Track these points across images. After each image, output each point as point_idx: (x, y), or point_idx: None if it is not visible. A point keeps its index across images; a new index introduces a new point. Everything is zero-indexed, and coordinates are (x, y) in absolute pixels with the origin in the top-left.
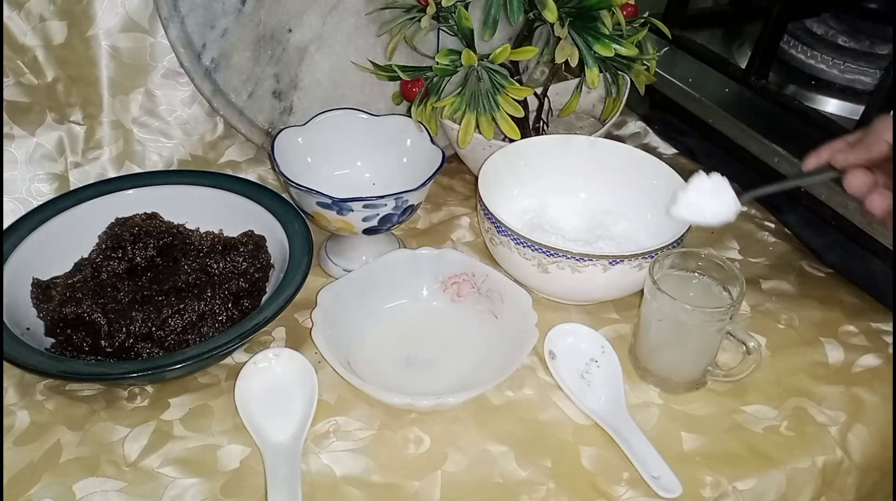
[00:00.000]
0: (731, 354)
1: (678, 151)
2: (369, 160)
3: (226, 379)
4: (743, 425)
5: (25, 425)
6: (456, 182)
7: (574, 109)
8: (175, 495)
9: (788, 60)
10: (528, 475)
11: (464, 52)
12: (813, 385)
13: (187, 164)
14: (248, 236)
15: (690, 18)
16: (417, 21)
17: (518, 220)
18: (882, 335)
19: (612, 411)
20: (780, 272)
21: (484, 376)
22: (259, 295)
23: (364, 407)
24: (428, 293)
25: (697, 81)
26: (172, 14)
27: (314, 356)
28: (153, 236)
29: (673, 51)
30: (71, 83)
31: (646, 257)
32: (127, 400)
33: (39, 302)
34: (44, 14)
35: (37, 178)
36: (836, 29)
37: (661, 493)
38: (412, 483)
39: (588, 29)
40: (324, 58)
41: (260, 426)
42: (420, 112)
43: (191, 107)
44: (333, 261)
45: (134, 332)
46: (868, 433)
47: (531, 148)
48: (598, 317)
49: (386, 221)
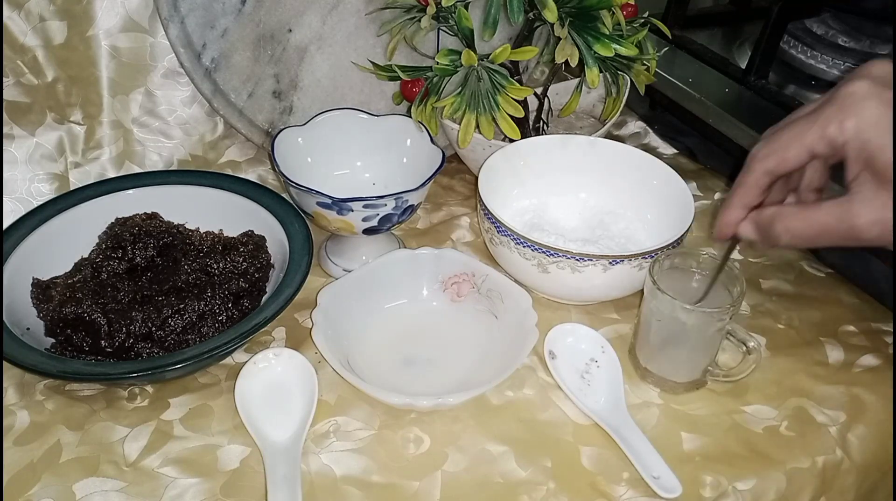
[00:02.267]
0: (731, 354)
1: (678, 151)
2: (369, 160)
3: (226, 379)
4: (743, 425)
5: (25, 425)
6: (456, 182)
7: (574, 109)
8: (175, 495)
9: (788, 60)
10: (528, 475)
11: (464, 52)
12: (813, 385)
13: (187, 164)
14: (248, 236)
15: (690, 18)
16: (417, 21)
17: (518, 220)
18: (882, 335)
19: (612, 411)
20: (780, 272)
21: (484, 376)
22: (259, 295)
23: (364, 407)
24: (428, 293)
25: (697, 81)
26: (172, 14)
27: (314, 356)
28: (153, 236)
29: (673, 51)
30: (71, 83)
31: (646, 257)
32: (127, 400)
33: (39, 302)
34: (44, 14)
35: (37, 178)
36: (836, 29)
37: (661, 493)
38: (412, 483)
39: (588, 29)
40: (324, 58)
41: (260, 426)
42: (420, 112)
43: (191, 107)
44: (333, 261)
45: (134, 332)
46: (868, 433)
47: (531, 148)
48: (598, 317)
49: (386, 221)
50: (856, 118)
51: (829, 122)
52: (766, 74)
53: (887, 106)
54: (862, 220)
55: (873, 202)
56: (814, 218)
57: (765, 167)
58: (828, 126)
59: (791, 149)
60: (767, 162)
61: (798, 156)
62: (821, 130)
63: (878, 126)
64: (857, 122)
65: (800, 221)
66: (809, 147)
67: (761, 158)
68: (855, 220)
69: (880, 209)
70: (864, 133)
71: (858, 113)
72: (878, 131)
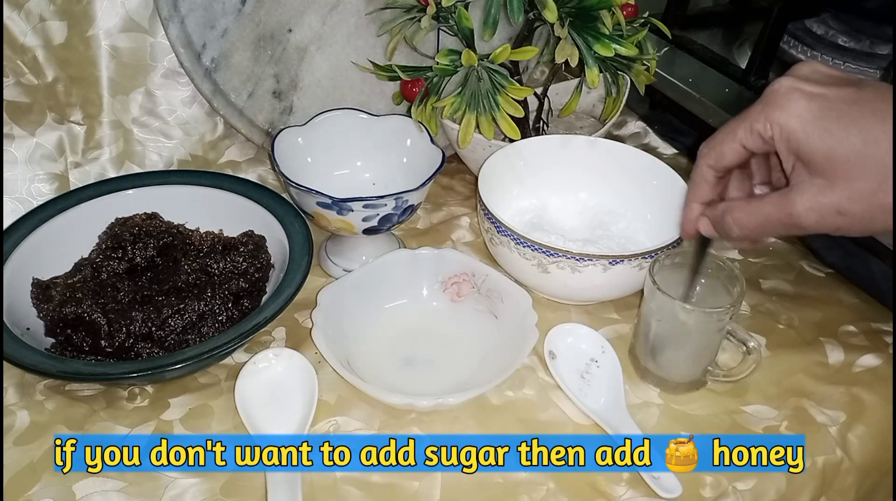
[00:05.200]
0: (731, 354)
1: (678, 151)
2: (369, 160)
3: (226, 379)
4: (743, 425)
5: (25, 425)
6: (456, 182)
7: (574, 109)
8: (175, 495)
9: (788, 60)
10: (528, 475)
11: (464, 52)
12: (813, 385)
13: (187, 164)
14: (248, 236)
15: (690, 18)
16: (417, 21)
17: (518, 220)
18: (882, 335)
19: (612, 411)
20: (780, 272)
21: (484, 376)
22: (259, 295)
23: (364, 407)
24: (428, 293)
25: (697, 81)
26: (172, 14)
27: (314, 356)
28: (153, 236)
29: (673, 51)
30: (71, 83)
31: (646, 257)
32: (127, 400)
33: (39, 302)
34: (44, 14)
35: (37, 178)
36: (836, 29)
37: (661, 493)
38: (412, 483)
39: (588, 29)
40: (324, 58)
41: (260, 426)
42: (420, 112)
43: (191, 107)
44: (333, 261)
45: (134, 332)
46: (868, 433)
47: (531, 148)
48: (598, 317)
49: (386, 221)
50: (779, 111)
51: (757, 118)
52: (766, 74)
53: (810, 98)
54: (798, 208)
55: (808, 191)
56: (758, 210)
57: (706, 163)
58: (756, 122)
59: (725, 144)
60: (708, 158)
61: (733, 151)
62: (749, 126)
63: (801, 117)
64: (780, 115)
65: (746, 213)
66: (740, 141)
67: (703, 155)
68: (792, 208)
69: (814, 196)
70: (788, 125)
71: (782, 106)
72: (801, 122)
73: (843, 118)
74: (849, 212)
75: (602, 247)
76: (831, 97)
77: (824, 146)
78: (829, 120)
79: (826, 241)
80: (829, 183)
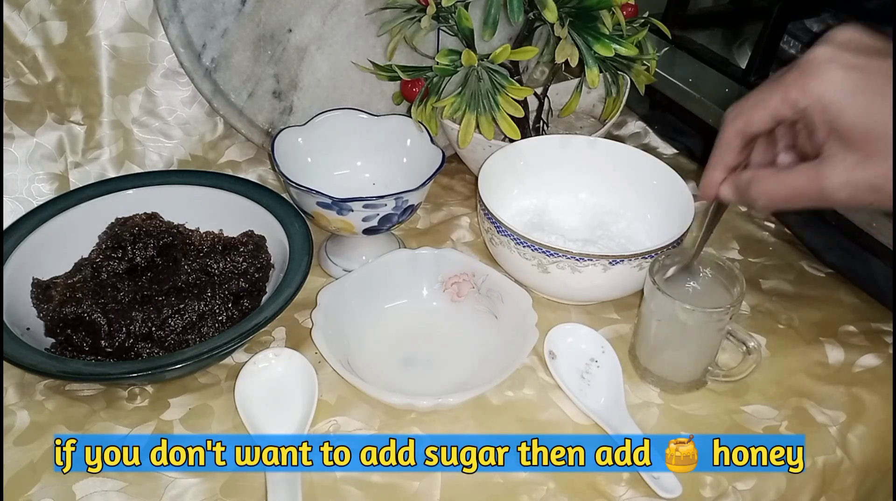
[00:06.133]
0: (731, 354)
1: (678, 151)
2: (369, 160)
3: (226, 379)
4: (743, 425)
5: (25, 425)
6: (456, 182)
7: (574, 109)
8: (175, 495)
9: (788, 60)
10: (528, 475)
11: (464, 52)
12: (813, 385)
13: (187, 164)
14: (248, 236)
15: (690, 18)
16: (417, 21)
17: (518, 220)
18: (882, 335)
19: (612, 411)
20: (780, 272)
21: (484, 376)
22: (259, 295)
23: (364, 407)
24: (428, 293)
25: (697, 81)
26: (172, 14)
27: (314, 356)
28: (153, 236)
29: (673, 51)
30: (71, 83)
31: (646, 257)
32: (127, 400)
33: (39, 302)
34: (44, 14)
35: (37, 178)
36: None
37: (661, 493)
38: (412, 483)
39: (588, 29)
40: (324, 58)
41: (260, 426)
42: (420, 112)
43: (191, 107)
44: (333, 261)
45: (134, 332)
46: (868, 433)
47: (531, 148)
48: (598, 317)
49: (386, 221)
50: (816, 81)
51: (792, 85)
52: (766, 74)
53: (848, 69)
54: (831, 182)
55: (842, 164)
56: (787, 181)
57: (735, 128)
58: (790, 89)
59: (756, 111)
60: (736, 123)
61: (762, 118)
62: (783, 94)
63: (840, 89)
64: (817, 85)
65: (774, 184)
66: (773, 110)
67: (731, 120)
68: (824, 182)
69: (848, 171)
70: (825, 96)
71: (819, 76)
72: (840, 94)
73: (883, 94)
74: (883, 188)
75: (602, 247)
76: (871, 70)
77: (864, 121)
78: (869, 94)
79: (826, 241)
80: (865, 158)
